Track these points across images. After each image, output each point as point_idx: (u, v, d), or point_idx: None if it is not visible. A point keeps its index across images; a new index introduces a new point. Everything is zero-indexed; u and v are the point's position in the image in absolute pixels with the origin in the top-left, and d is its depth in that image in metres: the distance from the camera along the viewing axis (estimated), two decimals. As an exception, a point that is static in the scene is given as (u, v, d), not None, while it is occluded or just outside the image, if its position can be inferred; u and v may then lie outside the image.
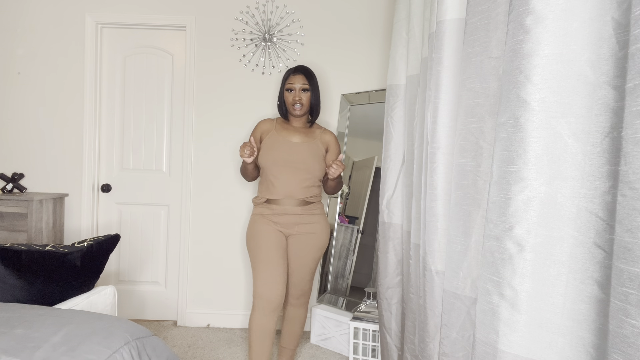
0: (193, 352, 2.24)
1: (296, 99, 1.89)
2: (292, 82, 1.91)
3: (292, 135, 1.93)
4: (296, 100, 1.89)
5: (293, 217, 1.87)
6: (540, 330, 0.80)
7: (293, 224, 1.88)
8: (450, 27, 1.20)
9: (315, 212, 1.92)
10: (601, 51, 0.74)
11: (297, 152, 1.88)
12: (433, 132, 1.25)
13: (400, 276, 1.72)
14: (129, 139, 2.61)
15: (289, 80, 1.92)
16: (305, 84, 1.90)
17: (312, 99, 1.93)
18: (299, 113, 1.91)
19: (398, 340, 1.74)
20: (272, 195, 1.87)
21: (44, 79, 2.54)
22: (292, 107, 1.91)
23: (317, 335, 2.39)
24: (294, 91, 1.90)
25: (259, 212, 1.91)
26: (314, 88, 1.93)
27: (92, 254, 1.70)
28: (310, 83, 1.92)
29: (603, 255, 0.73)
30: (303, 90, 1.90)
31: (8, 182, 2.45)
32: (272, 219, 1.87)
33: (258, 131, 1.98)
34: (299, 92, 1.90)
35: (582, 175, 0.76)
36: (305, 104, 1.91)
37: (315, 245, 1.92)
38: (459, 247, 1.12)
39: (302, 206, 1.88)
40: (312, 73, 1.95)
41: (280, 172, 1.85)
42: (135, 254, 2.63)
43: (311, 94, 1.92)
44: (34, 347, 1.01)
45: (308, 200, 1.89)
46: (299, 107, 1.89)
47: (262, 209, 1.90)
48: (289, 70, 1.96)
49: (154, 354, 1.21)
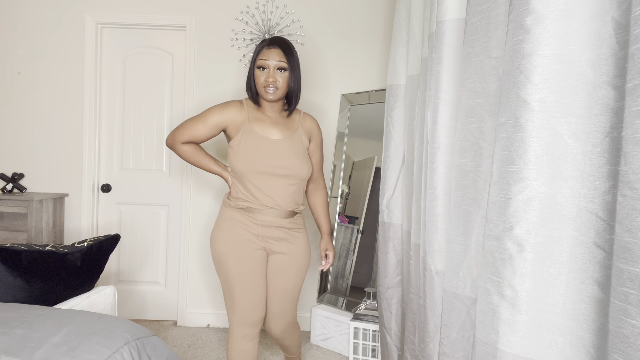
0: (193, 352, 2.24)
1: (269, 80, 1.46)
2: (265, 58, 1.47)
3: (269, 129, 1.52)
4: (269, 82, 1.47)
5: (279, 231, 1.53)
6: (540, 330, 0.80)
7: (278, 238, 1.54)
8: (450, 27, 1.20)
9: (299, 227, 1.61)
10: (601, 51, 0.74)
11: (279, 153, 1.50)
12: (433, 132, 1.25)
13: (400, 276, 1.72)
14: (129, 139, 2.61)
15: (261, 54, 1.48)
16: (283, 61, 1.47)
17: (290, 81, 1.50)
18: (272, 97, 1.49)
19: (398, 340, 1.74)
20: (253, 205, 1.51)
21: (44, 79, 2.54)
22: (263, 89, 1.48)
23: (317, 335, 2.39)
24: (268, 70, 1.47)
25: (237, 217, 1.52)
26: (293, 67, 1.49)
27: (92, 254, 1.70)
28: (290, 61, 1.49)
29: (603, 255, 0.73)
30: (279, 69, 1.48)
31: (8, 182, 2.45)
32: (252, 231, 1.51)
33: (223, 118, 1.52)
34: (274, 72, 1.47)
35: (582, 175, 0.76)
36: (282, 87, 1.49)
37: (302, 264, 1.61)
38: (459, 247, 1.12)
39: (289, 218, 1.55)
40: (291, 47, 1.51)
41: (262, 180, 1.48)
42: (135, 254, 2.63)
43: (290, 74, 1.49)
44: (34, 347, 1.01)
45: (296, 210, 1.58)
46: (272, 90, 1.48)
47: (241, 215, 1.51)
48: (261, 42, 1.52)
49: (154, 354, 1.21)
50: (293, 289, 1.61)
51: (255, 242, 1.51)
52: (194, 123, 1.54)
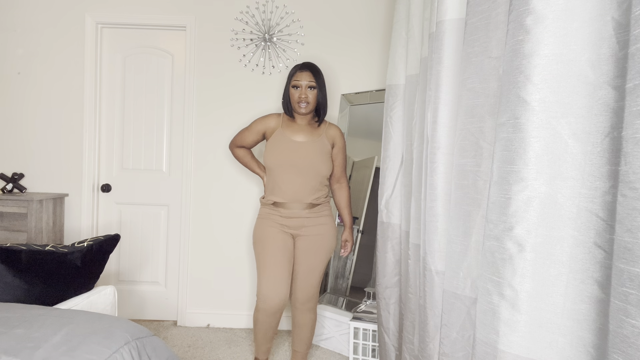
0: (193, 352, 2.24)
1: (302, 96, 1.84)
2: (298, 79, 1.85)
3: (296, 133, 1.89)
4: (302, 99, 1.85)
5: (300, 220, 1.88)
6: (540, 330, 0.80)
7: (300, 226, 1.88)
8: (450, 27, 1.20)
9: (322, 214, 1.91)
10: (601, 51, 0.74)
11: (302, 152, 1.84)
12: (433, 132, 1.25)
13: (398, 276, 1.72)
14: (129, 139, 2.61)
15: (295, 76, 1.87)
16: (312, 81, 1.85)
17: (319, 97, 1.89)
18: (304, 111, 1.87)
19: (396, 340, 1.74)
20: (278, 198, 1.87)
21: (44, 79, 2.54)
22: (297, 105, 1.86)
23: (317, 335, 2.39)
24: (300, 88, 1.85)
25: (266, 213, 1.92)
26: (320, 86, 1.88)
27: (92, 254, 1.70)
28: (317, 81, 1.87)
29: (603, 255, 0.73)
30: (309, 87, 1.86)
31: (8, 182, 2.45)
32: (278, 222, 1.88)
33: (263, 125, 1.95)
34: (305, 90, 1.85)
35: (582, 175, 0.76)
36: (312, 102, 1.87)
37: (322, 247, 1.90)
38: (459, 247, 1.12)
39: (309, 209, 1.88)
40: (319, 70, 1.90)
41: (286, 174, 1.84)
42: (135, 254, 2.63)
43: (318, 91, 1.87)
44: (34, 347, 1.01)
45: (315, 202, 1.88)
46: (304, 105, 1.85)
47: (269, 210, 1.91)
48: (295, 67, 1.91)
49: (154, 354, 1.21)
50: (316, 266, 1.90)
51: (281, 230, 1.88)
52: (243, 131, 2.02)
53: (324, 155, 1.88)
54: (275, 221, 1.89)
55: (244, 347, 2.32)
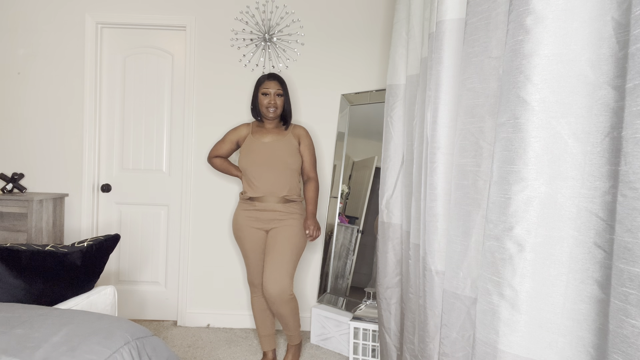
0: (193, 352, 2.24)
1: (272, 102, 2.06)
2: (267, 87, 2.07)
3: (265, 136, 2.11)
4: (271, 104, 2.06)
5: (272, 214, 2.03)
6: (540, 330, 0.80)
7: (271, 219, 2.03)
8: (450, 27, 1.20)
9: (294, 212, 2.05)
10: (601, 51, 0.74)
11: (271, 150, 2.05)
12: (433, 132, 1.24)
13: (399, 276, 1.72)
14: (129, 139, 2.61)
15: (264, 85, 2.08)
16: (280, 89, 2.08)
17: (285, 104, 2.12)
18: (272, 115, 2.08)
19: (397, 340, 1.74)
20: (254, 193, 2.05)
21: (44, 79, 2.54)
22: (266, 109, 2.07)
23: (317, 335, 2.39)
24: (269, 95, 2.07)
25: (243, 207, 2.10)
26: (286, 94, 2.11)
27: (92, 254, 1.70)
28: (284, 90, 2.10)
29: (603, 255, 0.73)
30: (278, 95, 2.08)
31: (8, 182, 2.45)
32: (253, 215, 2.05)
33: (236, 135, 2.18)
34: (274, 97, 2.07)
35: (582, 175, 0.76)
36: (279, 107, 2.09)
37: (292, 235, 2.00)
38: (458, 247, 1.12)
39: (283, 203, 2.04)
40: (284, 81, 2.13)
41: (259, 171, 2.03)
42: (135, 254, 2.63)
43: (284, 99, 2.11)
44: (34, 347, 1.01)
45: (288, 198, 2.04)
46: (273, 110, 2.07)
47: (245, 204, 2.08)
48: (262, 76, 2.12)
49: (154, 354, 1.21)
50: (281, 253, 1.97)
51: (255, 224, 2.06)
52: (218, 143, 2.23)
53: (291, 149, 2.08)
54: (250, 214, 2.06)
55: (244, 347, 2.32)
